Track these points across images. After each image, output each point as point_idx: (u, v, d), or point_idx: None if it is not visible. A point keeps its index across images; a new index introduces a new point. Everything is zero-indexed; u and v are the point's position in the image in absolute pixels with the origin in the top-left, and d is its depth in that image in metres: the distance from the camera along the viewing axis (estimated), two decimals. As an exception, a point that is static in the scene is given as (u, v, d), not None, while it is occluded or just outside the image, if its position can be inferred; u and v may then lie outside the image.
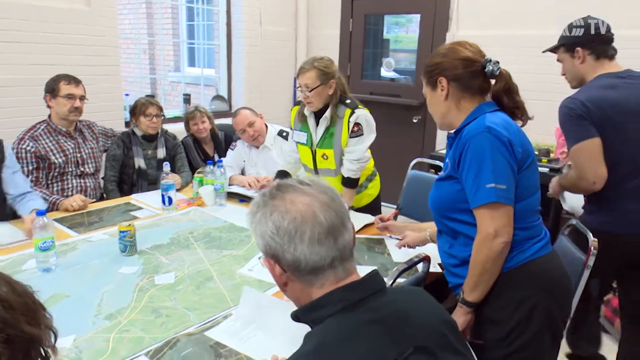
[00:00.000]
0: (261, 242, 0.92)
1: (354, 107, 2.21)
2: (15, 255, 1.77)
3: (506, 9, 3.61)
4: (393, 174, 3.33)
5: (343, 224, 0.91)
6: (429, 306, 0.96)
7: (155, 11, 4.62)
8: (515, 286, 1.31)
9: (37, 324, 0.65)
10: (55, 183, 2.45)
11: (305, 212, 0.88)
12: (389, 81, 4.73)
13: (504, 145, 1.26)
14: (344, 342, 0.82)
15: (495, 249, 1.26)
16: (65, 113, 2.44)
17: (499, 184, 1.25)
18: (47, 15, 2.97)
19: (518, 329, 1.29)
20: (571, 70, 1.95)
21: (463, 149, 1.30)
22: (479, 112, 1.36)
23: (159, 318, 1.39)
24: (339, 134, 2.22)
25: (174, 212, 2.30)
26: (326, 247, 0.88)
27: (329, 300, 0.89)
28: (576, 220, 1.86)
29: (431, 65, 1.42)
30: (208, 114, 3.16)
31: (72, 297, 1.49)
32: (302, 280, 0.91)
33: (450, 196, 1.37)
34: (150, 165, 2.81)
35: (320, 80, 2.14)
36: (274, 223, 0.89)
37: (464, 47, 1.40)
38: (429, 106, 1.49)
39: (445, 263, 1.48)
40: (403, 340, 0.84)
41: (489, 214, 1.26)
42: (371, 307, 0.88)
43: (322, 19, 4.74)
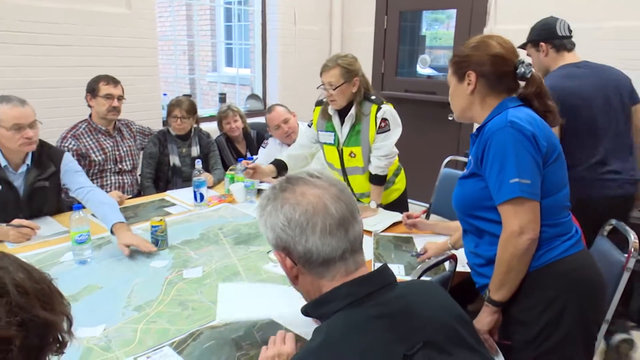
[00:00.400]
0: (271, 234, 0.92)
1: (380, 103, 2.19)
2: (55, 247, 1.86)
3: (544, 2, 3.47)
4: (427, 171, 3.28)
5: (353, 216, 0.91)
6: (440, 300, 0.94)
7: (195, 13, 4.75)
8: (543, 286, 1.26)
9: (52, 309, 0.68)
10: (95, 180, 2.56)
11: (317, 204, 0.88)
12: (425, 78, 4.65)
13: (527, 139, 1.22)
14: (349, 337, 0.82)
15: (520, 246, 1.22)
16: (104, 112, 2.54)
17: (522, 178, 1.21)
18: (92, 19, 3.10)
19: (547, 330, 1.24)
20: (537, 63, 2.26)
21: (485, 145, 1.27)
22: (502, 108, 1.32)
23: (185, 311, 1.43)
24: (366, 131, 2.20)
25: (205, 209, 2.35)
26: (337, 239, 0.88)
27: (336, 295, 0.89)
28: (615, 220, 1.77)
29: (461, 56, 1.38)
30: (240, 113, 3.21)
31: (105, 289, 1.55)
32: (313, 272, 0.91)
33: (474, 194, 1.33)
34: (185, 162, 2.89)
35: (344, 78, 2.13)
36: (285, 215, 0.89)
37: (497, 42, 1.35)
38: (450, 96, 1.45)
39: (471, 263, 1.44)
40: (411, 335, 0.83)
41: (513, 210, 1.22)
42: (379, 301, 0.87)
43: (357, 16, 4.71)
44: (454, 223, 2.01)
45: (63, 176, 2.12)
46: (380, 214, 2.23)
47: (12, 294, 0.64)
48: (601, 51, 3.28)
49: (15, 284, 0.65)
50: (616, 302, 1.58)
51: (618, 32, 3.21)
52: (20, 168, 1.99)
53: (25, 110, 1.90)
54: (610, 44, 3.24)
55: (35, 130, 1.94)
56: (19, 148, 1.92)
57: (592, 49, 3.27)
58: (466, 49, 1.38)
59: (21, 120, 1.87)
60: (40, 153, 2.04)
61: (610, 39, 3.25)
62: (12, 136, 1.87)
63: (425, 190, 3.04)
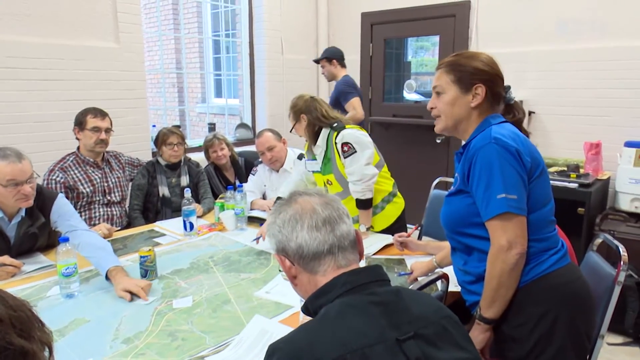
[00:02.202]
0: (273, 240, 1.03)
1: (340, 129, 2.24)
2: (41, 282, 1.82)
3: (525, 25, 3.59)
4: (417, 195, 3.29)
5: (341, 218, 1.00)
6: (429, 302, 0.98)
7: (183, 46, 4.85)
8: (534, 301, 1.26)
9: (29, 337, 0.66)
10: (83, 212, 2.54)
11: (305, 206, 1.00)
12: (412, 103, 4.73)
13: (512, 155, 1.24)
14: (345, 315, 0.87)
15: (509, 261, 1.22)
16: (91, 145, 2.54)
17: (509, 194, 1.22)
18: (80, 54, 3.14)
19: (540, 346, 1.24)
20: (329, 72, 3.66)
21: (471, 162, 1.28)
22: (485, 125, 1.35)
23: (174, 341, 1.40)
24: (334, 158, 2.28)
25: (195, 238, 2.33)
26: (323, 233, 0.97)
27: (334, 284, 0.95)
28: (604, 235, 1.78)
29: (473, 68, 1.35)
30: (226, 141, 3.23)
31: (92, 322, 1.52)
32: (308, 269, 0.98)
33: (461, 211, 1.34)
34: (174, 193, 2.88)
35: (294, 119, 2.34)
36: (281, 219, 1.01)
37: (497, 65, 1.39)
38: (446, 105, 1.39)
39: (461, 281, 1.44)
40: (403, 326, 0.88)
41: (500, 225, 1.23)
42: (374, 291, 0.93)
43: (342, 44, 4.79)
44: (445, 243, 2.01)
45: (54, 222, 2.06)
46: (371, 237, 2.23)
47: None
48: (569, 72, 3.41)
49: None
50: (609, 316, 1.57)
51: (587, 54, 3.32)
52: (14, 219, 1.95)
53: (22, 167, 1.83)
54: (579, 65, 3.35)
55: (32, 185, 1.88)
56: (14, 204, 1.87)
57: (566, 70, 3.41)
58: (475, 63, 1.36)
59: (18, 177, 1.82)
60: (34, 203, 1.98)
61: (579, 61, 3.36)
62: (8, 192, 1.82)
63: (416, 212, 3.04)
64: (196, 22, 6.57)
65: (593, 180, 3.06)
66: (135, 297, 1.67)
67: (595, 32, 3.29)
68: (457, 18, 4.01)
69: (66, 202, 2.14)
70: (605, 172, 3.24)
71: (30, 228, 2.00)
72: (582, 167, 3.24)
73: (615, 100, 3.25)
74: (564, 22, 3.41)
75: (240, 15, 4.53)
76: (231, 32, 5.41)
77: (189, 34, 6.41)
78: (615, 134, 3.23)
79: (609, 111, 3.28)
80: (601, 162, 3.22)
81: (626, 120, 3.22)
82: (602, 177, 3.19)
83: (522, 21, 3.61)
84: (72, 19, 3.10)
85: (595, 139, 3.23)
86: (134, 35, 3.42)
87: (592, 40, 3.31)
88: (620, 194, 3.09)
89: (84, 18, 3.15)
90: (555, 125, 3.53)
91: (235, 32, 4.90)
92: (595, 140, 3.21)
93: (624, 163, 3.07)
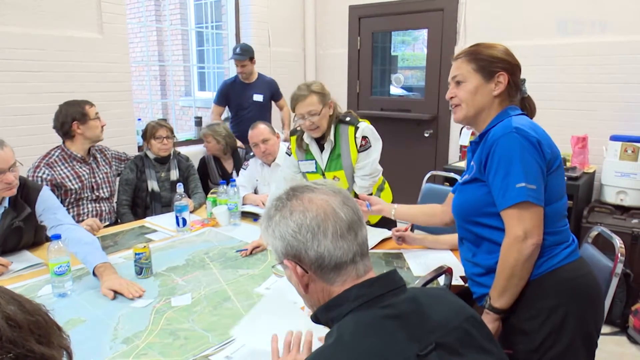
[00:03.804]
0: (281, 244, 0.91)
1: (356, 123, 2.18)
2: (31, 281, 1.76)
3: (513, 20, 3.61)
4: (406, 188, 3.29)
5: (360, 220, 0.92)
6: (450, 304, 0.93)
7: (166, 38, 4.73)
8: (545, 294, 1.26)
9: (49, 343, 0.62)
10: (72, 208, 2.46)
11: (326, 209, 0.89)
12: (399, 97, 4.73)
13: (532, 145, 1.23)
14: (361, 336, 0.81)
15: (525, 251, 1.22)
16: (97, 134, 2.50)
17: (529, 183, 1.21)
18: (63, 45, 3.04)
19: (550, 340, 1.24)
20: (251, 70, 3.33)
21: (490, 151, 1.27)
22: (504, 115, 1.34)
23: (177, 340, 1.36)
24: (347, 153, 2.18)
25: (188, 234, 2.28)
26: (348, 242, 0.88)
27: (346, 297, 0.88)
28: (601, 227, 1.80)
29: (494, 57, 1.36)
30: (215, 136, 3.23)
31: (89, 322, 1.47)
32: (325, 278, 0.90)
33: (476, 200, 1.33)
34: (164, 187, 2.82)
35: (322, 103, 2.10)
36: (295, 222, 0.88)
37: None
38: (468, 93, 1.38)
39: (469, 273, 1.43)
40: (423, 337, 0.82)
41: (517, 214, 1.22)
42: (390, 303, 0.86)
43: (330, 38, 4.78)
44: (443, 237, 2.01)
45: (40, 215, 2.00)
46: (368, 232, 2.21)
47: (2, 328, 0.59)
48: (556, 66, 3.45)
49: (6, 317, 0.60)
50: (607, 308, 1.60)
51: (574, 49, 3.36)
52: None
53: (4, 154, 1.77)
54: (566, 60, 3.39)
55: (15, 174, 1.82)
56: None
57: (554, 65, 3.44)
58: (496, 52, 1.37)
59: (0, 165, 1.76)
60: (17, 193, 1.92)
61: (566, 56, 3.39)
62: None
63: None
64: (179, 14, 6.44)
65: (580, 174, 3.11)
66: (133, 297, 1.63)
67: (582, 28, 3.34)
68: (446, 12, 4.02)
69: (51, 194, 2.08)
70: (591, 166, 3.30)
71: (15, 220, 1.93)
72: (569, 161, 3.29)
73: (601, 95, 3.30)
74: (552, 18, 3.44)
75: (226, 6, 4.45)
76: (215, 24, 5.32)
77: (172, 25, 6.28)
78: (601, 128, 3.29)
79: (595, 105, 3.33)
80: (587, 155, 3.28)
81: (612, 115, 3.28)
82: (589, 170, 3.25)
83: (510, 16, 3.64)
84: (54, 8, 2.99)
85: (582, 132, 3.28)
86: (118, 26, 3.33)
87: (579, 36, 3.36)
88: (606, 187, 3.15)
89: (66, 7, 3.04)
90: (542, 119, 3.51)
91: (221, 24, 4.82)
92: (581, 134, 3.26)
93: (609, 156, 3.13)
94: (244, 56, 3.68)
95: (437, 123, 4.23)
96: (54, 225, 1.96)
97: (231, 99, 3.84)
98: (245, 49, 3.73)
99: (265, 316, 1.48)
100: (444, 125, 4.18)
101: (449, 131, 4.15)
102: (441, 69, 4.11)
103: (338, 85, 4.68)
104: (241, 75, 3.79)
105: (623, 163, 3.05)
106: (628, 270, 2.65)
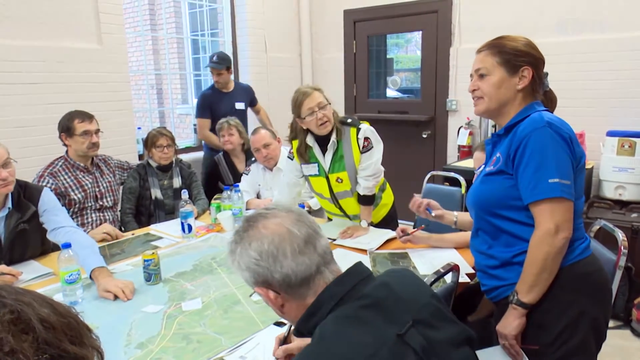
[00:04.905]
0: (248, 273, 0.95)
1: (358, 125, 2.21)
2: (41, 290, 1.77)
3: (506, 19, 3.66)
4: (406, 189, 3.31)
5: (317, 232, 0.96)
6: (416, 282, 1.00)
7: (162, 47, 4.75)
8: (562, 288, 1.27)
9: (81, 343, 0.64)
10: (76, 218, 2.47)
11: (281, 231, 0.93)
12: (396, 99, 4.77)
13: (565, 141, 1.24)
14: (342, 329, 0.85)
15: (556, 244, 1.22)
16: (84, 150, 2.48)
17: (563, 179, 1.22)
18: (62, 56, 3.06)
19: (565, 334, 1.26)
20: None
21: (520, 144, 1.27)
22: (531, 110, 1.34)
23: (190, 344, 1.38)
24: (350, 154, 2.20)
25: (194, 240, 2.30)
26: (309, 255, 0.92)
27: (322, 300, 0.92)
28: (603, 221, 1.83)
29: (519, 51, 1.35)
30: (239, 128, 3.20)
31: (102, 329, 1.48)
32: (296, 295, 0.94)
33: (500, 192, 1.33)
34: (167, 195, 2.83)
35: (327, 100, 2.15)
36: (255, 250, 0.92)
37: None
38: (491, 87, 1.37)
39: (482, 265, 1.44)
40: (400, 317, 0.87)
41: (549, 209, 1.23)
42: (363, 293, 0.90)
43: (326, 42, 4.82)
44: (447, 235, 2.04)
45: (41, 216, 2.03)
46: (373, 232, 2.24)
47: (37, 330, 0.60)
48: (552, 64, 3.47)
49: (41, 319, 0.62)
50: (612, 301, 1.62)
51: (570, 46, 3.40)
52: (0, 212, 1.90)
53: None
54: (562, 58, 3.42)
55: (10, 170, 1.85)
56: None
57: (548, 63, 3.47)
58: (520, 45, 1.36)
59: None
60: (19, 194, 1.96)
61: (562, 53, 3.43)
62: None
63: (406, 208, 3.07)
64: (174, 22, 6.48)
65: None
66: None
67: (577, 26, 3.38)
68: (440, 13, 4.06)
69: (53, 196, 2.12)
70: (589, 162, 3.33)
71: (21, 221, 1.94)
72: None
73: (597, 92, 3.34)
74: (546, 16, 3.49)
75: (222, 14, 4.48)
76: (211, 31, 5.35)
77: (167, 34, 6.31)
78: (597, 124, 3.33)
79: (591, 102, 3.38)
80: (585, 151, 3.31)
81: (608, 111, 3.32)
82: (587, 166, 3.28)
83: (504, 16, 3.68)
84: (53, 20, 3.01)
85: (579, 129, 3.32)
86: (116, 36, 3.35)
87: (573, 34, 3.40)
88: (605, 182, 3.19)
89: (65, 19, 3.07)
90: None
91: (217, 31, 4.84)
92: (579, 131, 3.30)
93: (607, 152, 3.17)
94: (221, 65, 3.58)
95: (434, 124, 4.26)
96: (55, 227, 1.99)
97: (215, 110, 3.64)
98: (223, 58, 3.62)
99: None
100: (442, 126, 4.22)
101: (447, 132, 4.19)
102: (437, 70, 4.15)
103: (335, 88, 4.71)
104: (217, 84, 3.67)
105: (620, 158, 3.09)
106: (629, 264, 2.68)
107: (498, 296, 1.41)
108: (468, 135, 3.91)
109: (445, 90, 4.13)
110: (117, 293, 1.66)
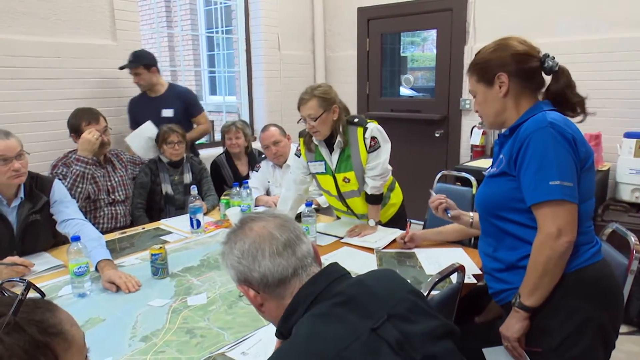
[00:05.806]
0: (232, 272, 1.00)
1: (365, 124, 2.18)
2: (51, 282, 1.80)
3: (522, 19, 3.60)
4: (418, 189, 3.30)
5: (299, 238, 0.99)
6: (395, 279, 1.01)
7: (177, 44, 4.80)
8: (568, 293, 1.25)
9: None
10: (88, 212, 2.50)
11: (262, 233, 0.97)
12: (409, 98, 4.73)
13: (567, 141, 1.21)
14: (316, 327, 0.86)
15: (558, 248, 1.19)
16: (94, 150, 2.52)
17: (564, 181, 1.19)
18: (77, 52, 3.10)
19: (570, 341, 1.23)
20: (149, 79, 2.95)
21: (522, 145, 1.25)
22: (537, 109, 1.31)
23: (193, 338, 1.39)
24: (357, 154, 2.18)
25: (202, 235, 2.32)
26: (286, 258, 0.95)
27: (297, 301, 0.94)
28: (616, 225, 1.79)
29: (483, 61, 1.35)
30: (245, 131, 3.21)
31: (108, 321, 1.50)
32: (274, 295, 0.97)
33: (503, 193, 1.31)
34: (177, 190, 2.86)
35: (323, 108, 2.09)
36: (238, 250, 0.98)
37: (518, 41, 1.36)
38: (480, 104, 1.40)
39: (488, 268, 1.42)
40: (374, 312, 0.88)
41: (551, 211, 1.20)
42: (337, 291, 0.92)
43: (339, 40, 4.80)
44: (444, 227, 2.03)
45: (51, 207, 2.07)
46: (380, 231, 2.23)
47: None
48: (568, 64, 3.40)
49: None
50: (623, 305, 1.59)
51: (586, 46, 3.34)
52: (13, 202, 1.94)
53: (10, 143, 1.85)
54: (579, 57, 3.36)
55: (22, 162, 1.89)
56: (7, 181, 1.87)
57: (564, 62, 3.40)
58: (485, 54, 1.36)
59: (6, 153, 1.83)
60: (31, 185, 2.00)
61: (578, 53, 3.37)
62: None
63: (417, 207, 3.05)
64: (189, 19, 6.52)
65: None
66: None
67: (595, 24, 3.31)
68: (454, 12, 4.02)
69: (64, 187, 2.17)
70: (605, 163, 3.27)
71: (32, 212, 1.98)
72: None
73: (614, 92, 3.27)
74: (562, 15, 3.43)
75: (236, 11, 4.49)
76: (226, 28, 5.38)
77: (182, 31, 6.36)
78: (614, 125, 3.26)
79: (608, 103, 3.30)
80: (601, 153, 3.25)
81: (625, 112, 3.24)
82: (603, 168, 3.22)
83: (520, 14, 3.62)
84: (69, 17, 3.05)
85: (595, 130, 3.26)
86: (131, 32, 3.39)
87: (591, 32, 3.33)
88: (621, 184, 3.12)
89: (80, 16, 3.11)
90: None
91: (231, 28, 4.87)
92: (595, 132, 3.23)
93: (624, 154, 3.10)
94: (136, 63, 3.09)
95: (447, 123, 4.22)
96: (65, 219, 2.04)
97: (136, 117, 3.20)
98: (138, 55, 3.12)
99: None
100: (455, 125, 4.17)
101: (460, 131, 4.14)
102: (451, 69, 4.11)
103: (348, 87, 4.70)
104: (139, 86, 3.21)
105: (638, 160, 3.02)
106: (644, 268, 2.62)
107: (504, 299, 1.39)
108: (481, 135, 3.86)
109: (459, 90, 4.08)
110: (120, 285, 1.69)
